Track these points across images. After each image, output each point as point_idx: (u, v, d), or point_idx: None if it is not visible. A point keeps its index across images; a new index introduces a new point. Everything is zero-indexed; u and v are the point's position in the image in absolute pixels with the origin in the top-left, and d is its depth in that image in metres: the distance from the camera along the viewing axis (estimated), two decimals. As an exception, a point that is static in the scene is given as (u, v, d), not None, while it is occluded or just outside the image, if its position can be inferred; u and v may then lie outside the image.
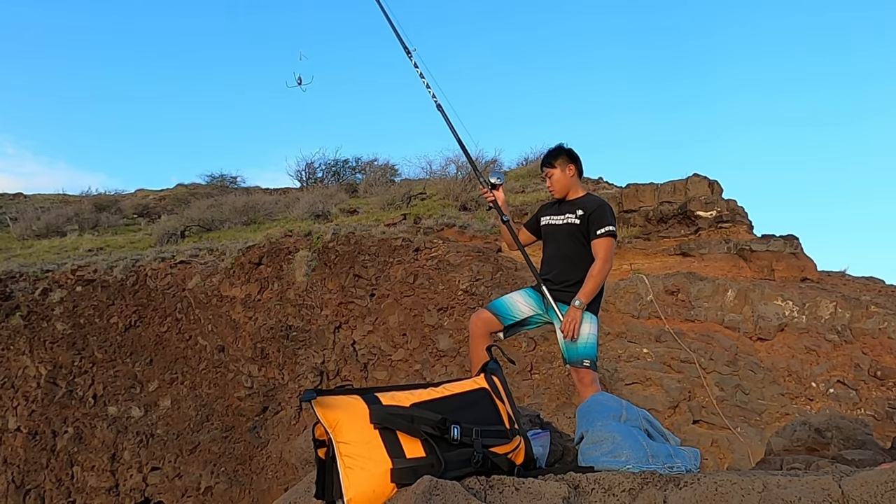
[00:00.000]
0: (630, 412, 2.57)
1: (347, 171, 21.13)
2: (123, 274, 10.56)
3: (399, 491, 1.90)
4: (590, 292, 3.46)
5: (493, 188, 3.80)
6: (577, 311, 3.43)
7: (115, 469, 9.35)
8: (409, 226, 10.94)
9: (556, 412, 7.79)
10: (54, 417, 9.58)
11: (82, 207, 16.79)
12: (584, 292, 3.45)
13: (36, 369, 9.85)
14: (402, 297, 9.51)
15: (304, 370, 9.48)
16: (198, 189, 20.40)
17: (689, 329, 8.19)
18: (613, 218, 3.62)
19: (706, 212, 10.06)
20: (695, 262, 9.46)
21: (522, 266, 9.50)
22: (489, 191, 3.80)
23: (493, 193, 3.79)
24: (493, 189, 3.80)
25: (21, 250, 13.32)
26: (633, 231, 10.56)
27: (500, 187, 3.82)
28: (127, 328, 10.15)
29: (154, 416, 9.59)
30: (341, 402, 2.01)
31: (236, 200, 15.73)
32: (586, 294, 3.45)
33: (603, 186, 13.60)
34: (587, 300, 3.45)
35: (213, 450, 9.31)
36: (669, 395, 7.64)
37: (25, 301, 10.30)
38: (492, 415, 2.25)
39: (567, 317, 3.45)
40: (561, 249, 3.67)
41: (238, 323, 9.97)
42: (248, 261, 10.41)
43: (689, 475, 2.04)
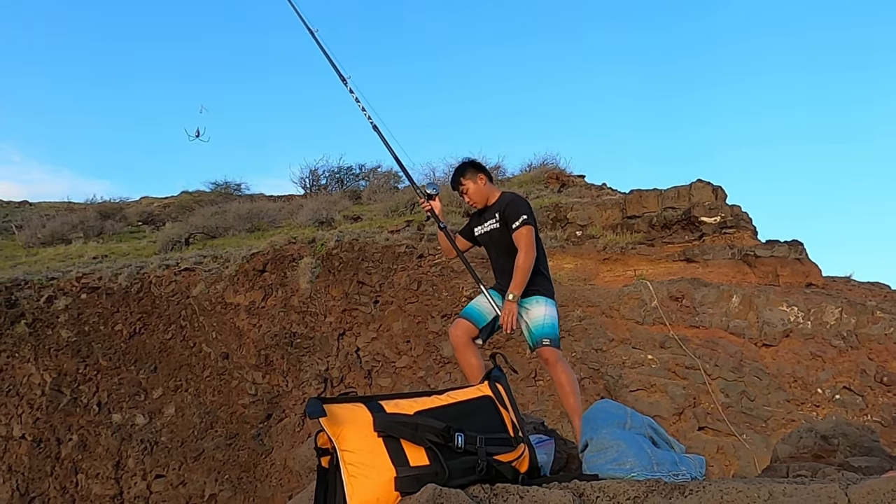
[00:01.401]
0: (635, 419, 2.56)
1: (351, 177, 21.18)
2: (128, 281, 10.59)
3: (403, 499, 1.89)
4: (519, 284, 3.65)
5: (430, 198, 4.03)
6: (511, 305, 3.61)
7: (119, 477, 9.35)
8: (413, 232, 10.95)
9: (560, 419, 7.77)
10: (59, 425, 9.59)
11: (87, 215, 16.85)
12: (514, 285, 3.65)
13: (41, 377, 9.87)
14: (405, 304, 9.51)
15: (308, 377, 9.48)
16: (202, 196, 20.45)
17: (694, 335, 8.16)
18: (527, 207, 3.85)
19: (710, 217, 10.04)
20: (699, 268, 9.44)
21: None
22: (426, 201, 4.03)
23: (429, 203, 4.02)
24: (430, 199, 4.03)
25: (26, 258, 13.37)
26: (637, 237, 10.55)
27: (437, 197, 4.07)
28: (131, 335, 10.16)
29: (158, 423, 9.59)
30: (345, 410, 2.01)
31: (240, 207, 15.76)
32: (517, 286, 3.64)
33: (606, 192, 13.60)
34: (518, 291, 3.64)
35: (218, 457, 9.30)
36: (674, 401, 7.61)
37: (30, 308, 10.33)
38: (496, 423, 2.25)
39: (504, 311, 3.64)
40: (497, 253, 3.92)
41: (242, 330, 9.99)
42: (252, 268, 10.43)
43: (694, 483, 2.03)
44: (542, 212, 11.61)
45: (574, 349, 8.33)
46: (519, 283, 3.64)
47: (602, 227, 11.07)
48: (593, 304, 8.69)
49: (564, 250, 10.74)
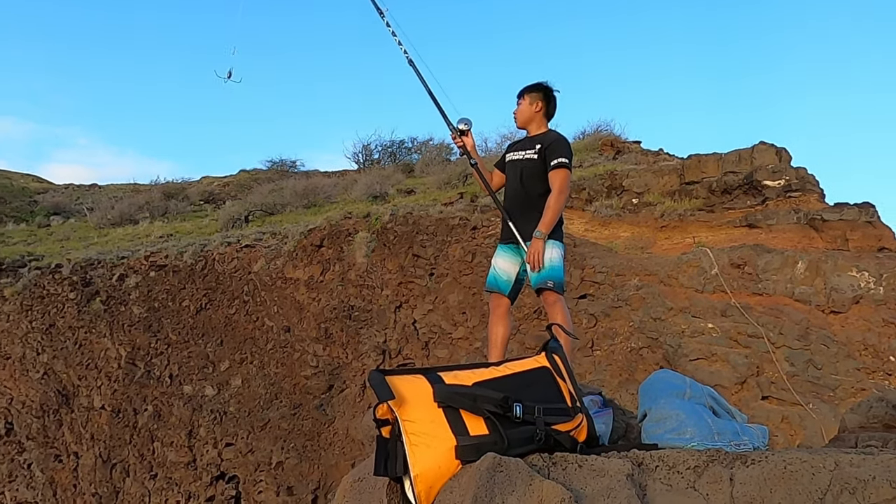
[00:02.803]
0: (694, 389, 2.53)
1: (404, 151, 21.26)
2: (193, 259, 10.99)
3: (463, 468, 1.94)
4: (549, 222, 3.58)
5: (462, 134, 3.92)
6: (539, 242, 3.55)
7: (192, 445, 9.83)
8: (467, 204, 10.95)
9: (618, 389, 7.72)
10: (135, 396, 10.13)
11: (152, 196, 17.51)
12: (543, 223, 3.57)
13: (116, 351, 10.41)
14: (460, 276, 9.57)
15: (367, 349, 9.69)
16: (259, 174, 20.93)
17: (757, 303, 7.94)
18: (570, 152, 3.75)
19: (774, 181, 9.66)
20: (762, 234, 9.13)
21: (581, 242, 9.40)
22: (458, 137, 3.93)
23: (462, 139, 3.92)
24: (462, 135, 3.92)
25: (98, 238, 14.04)
26: (696, 203, 10.25)
27: (469, 133, 3.94)
28: (198, 311, 10.58)
29: (226, 394, 10.01)
30: (405, 381, 2.06)
31: (296, 184, 16.07)
32: (546, 224, 3.57)
33: (664, 158, 13.24)
34: (547, 230, 3.57)
35: (283, 426, 9.65)
36: (736, 370, 7.45)
37: (104, 287, 10.87)
38: (553, 393, 2.26)
39: (530, 249, 3.57)
40: (521, 184, 3.80)
41: (302, 304, 10.26)
42: (309, 243, 10.66)
43: (756, 453, 2.01)
44: (597, 180, 11.41)
45: (631, 318, 8.24)
46: (549, 220, 3.58)
47: (659, 193, 10.80)
48: (651, 273, 8.54)
49: (620, 218, 10.55)
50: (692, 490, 1.88)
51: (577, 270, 8.74)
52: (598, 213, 10.69)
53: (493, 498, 1.81)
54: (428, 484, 1.94)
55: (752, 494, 1.82)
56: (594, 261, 8.88)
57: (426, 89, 3.97)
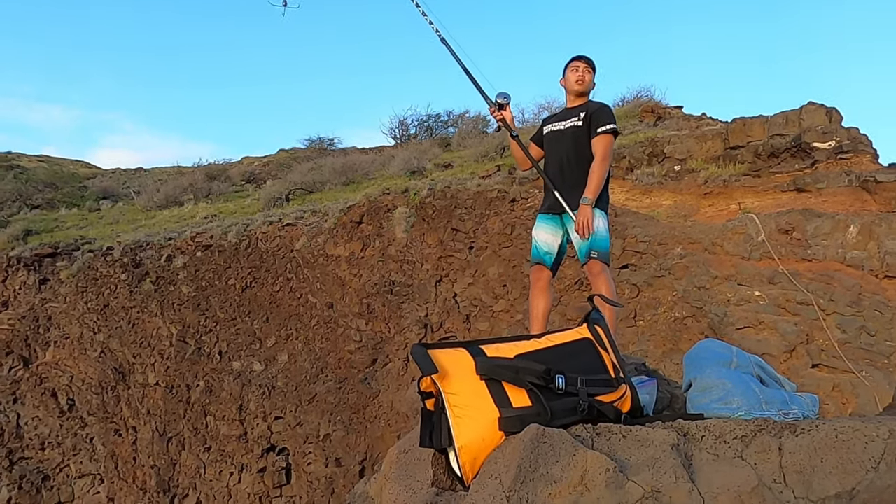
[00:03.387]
0: (741, 358, 2.49)
1: (440, 125, 21.18)
2: (237, 238, 11.22)
3: (507, 439, 1.96)
4: (595, 189, 3.57)
5: (501, 108, 3.90)
6: (587, 208, 3.54)
7: (243, 419, 10.14)
8: (504, 177, 10.88)
9: (662, 359, 7.65)
10: (187, 372, 10.47)
11: (195, 178, 17.87)
12: (589, 189, 3.57)
13: (167, 329, 10.75)
14: (500, 249, 9.55)
15: (409, 323, 9.79)
16: (298, 153, 21.15)
17: (806, 269, 7.72)
18: (614, 119, 3.74)
19: (823, 143, 9.31)
20: (811, 198, 8.84)
21: (623, 211, 9.26)
22: (497, 110, 3.90)
23: (500, 113, 3.90)
24: (501, 109, 3.90)
25: (145, 221, 14.43)
26: (742, 168, 9.97)
27: (507, 106, 3.92)
28: (244, 289, 10.83)
29: (274, 369, 10.26)
30: (448, 355, 2.08)
31: (335, 162, 16.19)
32: (592, 191, 3.56)
33: (706, 123, 12.88)
34: (594, 196, 3.57)
35: (329, 400, 9.87)
36: (785, 338, 7.29)
37: (154, 267, 11.20)
38: (596, 364, 2.26)
39: (579, 216, 3.55)
40: (566, 154, 3.79)
41: (344, 280, 10.40)
42: (349, 220, 10.76)
43: (806, 422, 1.97)
44: (637, 147, 11.19)
45: (675, 288, 8.11)
46: (595, 187, 3.57)
47: (702, 159, 10.53)
48: (695, 241, 8.37)
49: (662, 186, 10.35)
50: (739, 460, 1.86)
51: (619, 240, 8.63)
52: (639, 181, 10.50)
53: (537, 468, 1.83)
54: (472, 455, 1.96)
55: (802, 463, 1.80)
56: (636, 230, 8.75)
57: (461, 66, 3.95)
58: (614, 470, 1.79)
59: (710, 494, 1.76)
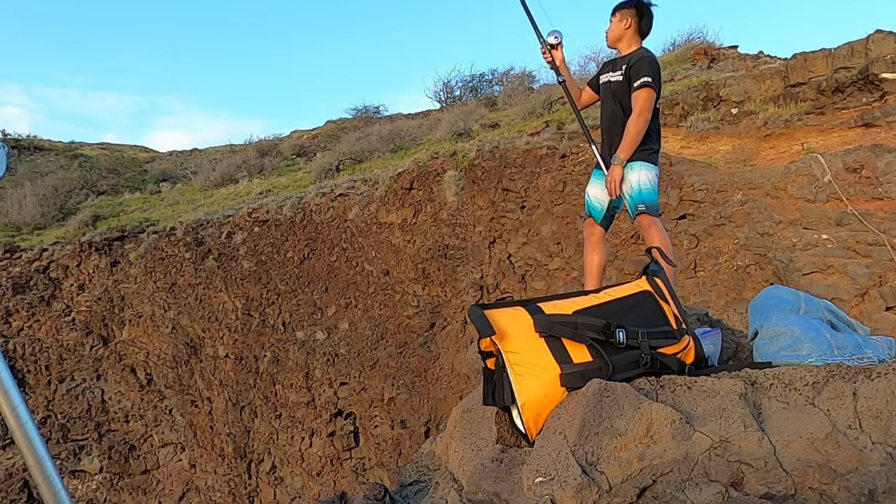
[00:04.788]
0: (810, 303, 2.41)
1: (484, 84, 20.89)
2: (292, 212, 11.44)
3: (570, 394, 1.96)
4: (628, 146, 3.46)
5: (552, 48, 3.77)
6: (616, 168, 3.46)
7: (309, 386, 10.48)
8: (553, 133, 10.68)
9: (724, 309, 7.47)
10: (253, 344, 10.84)
11: (248, 155, 18.22)
12: (622, 147, 3.48)
13: (232, 304, 11.13)
14: (552, 207, 9.43)
15: (465, 286, 9.84)
16: (345, 123, 21.26)
17: (877, 208, 7.35)
18: (654, 69, 3.53)
19: (894, 73, 8.76)
20: (881, 133, 8.36)
21: (678, 160, 8.99)
22: (548, 51, 3.77)
23: (551, 53, 3.77)
24: (552, 49, 3.77)
25: (204, 200, 14.84)
26: (804, 107, 9.49)
27: (559, 47, 3.78)
28: (302, 261, 11.07)
29: (336, 337, 10.52)
30: (505, 314, 2.08)
31: (381, 130, 16.21)
32: (625, 149, 3.47)
33: (764, 61, 12.27)
34: (626, 155, 3.47)
35: (391, 364, 10.08)
36: (856, 282, 7.01)
37: (215, 245, 11.56)
38: (657, 316, 2.22)
39: (609, 175, 3.50)
40: (610, 107, 3.69)
41: (398, 247, 10.50)
42: (399, 187, 10.81)
43: (882, 365, 1.90)
44: (691, 93, 10.77)
45: (736, 235, 7.87)
46: (628, 145, 3.47)
47: (761, 100, 10.07)
48: (756, 186, 8.07)
49: (719, 131, 9.97)
50: (811, 406, 1.82)
51: (675, 190, 8.40)
52: (693, 127, 10.14)
53: (601, 422, 1.82)
54: (535, 412, 1.98)
55: (879, 408, 1.74)
56: (692, 178, 8.49)
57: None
58: (680, 421, 1.77)
59: (781, 442, 1.72)
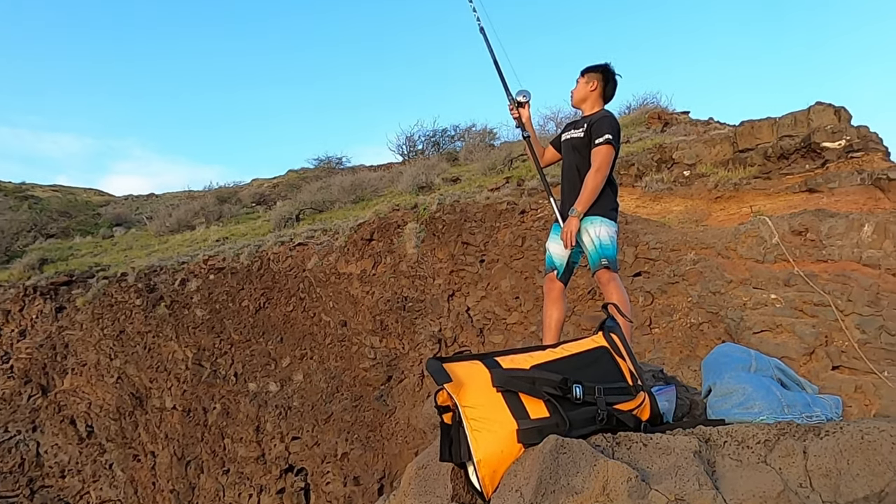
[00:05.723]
0: (760, 361, 2.46)
1: (447, 140, 21.26)
2: (249, 260, 11.27)
3: (526, 451, 1.94)
4: (585, 200, 3.56)
5: (520, 106, 3.90)
6: (573, 220, 3.55)
7: (260, 440, 10.13)
8: (513, 188, 10.88)
9: (679, 366, 7.57)
10: (203, 395, 10.48)
11: (206, 201, 18.01)
12: (579, 201, 3.57)
13: (183, 353, 10.79)
14: (511, 261, 9.53)
15: (423, 339, 9.76)
16: (307, 173, 21.28)
17: (822, 270, 7.64)
18: (615, 129, 3.67)
19: (833, 142, 9.25)
20: (823, 198, 8.76)
21: (633, 218, 9.22)
22: (515, 108, 3.90)
23: (518, 111, 3.90)
24: (520, 107, 3.90)
25: (159, 245, 14.53)
26: (751, 171, 9.91)
27: (527, 105, 3.91)
28: (257, 310, 10.86)
29: (289, 389, 10.26)
30: (463, 368, 2.07)
31: (343, 180, 16.27)
32: (582, 202, 3.56)
33: (714, 127, 12.84)
34: (583, 209, 3.56)
35: (346, 418, 9.84)
36: (803, 341, 7.20)
37: (168, 292, 11.26)
38: (613, 372, 2.24)
39: (564, 227, 3.59)
40: (571, 164, 3.81)
41: (357, 298, 10.40)
42: (360, 237, 10.79)
43: (830, 424, 1.94)
44: (646, 154, 11.16)
45: (689, 293, 8.05)
46: (585, 199, 3.56)
47: (712, 164, 10.49)
48: (707, 246, 8.32)
49: (672, 192, 10.30)
50: (763, 465, 1.83)
51: (631, 248, 8.59)
52: (648, 188, 10.47)
53: (557, 480, 1.80)
54: (491, 468, 1.94)
55: (828, 467, 1.76)
56: (647, 237, 8.71)
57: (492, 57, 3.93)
58: (636, 479, 1.76)
59: (734, 501, 1.73)
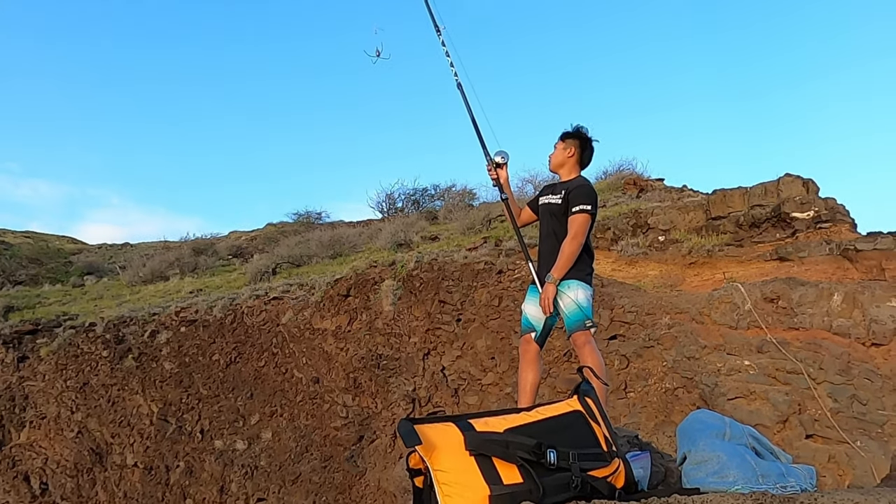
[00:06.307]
0: (734, 429, 2.46)
1: (426, 198, 21.48)
2: (222, 313, 11.10)
3: (499, 518, 1.89)
4: (562, 267, 3.60)
5: (498, 167, 3.97)
6: (549, 287, 3.59)
7: (223, 501, 9.73)
8: (491, 249, 10.96)
9: (654, 431, 7.52)
10: (167, 452, 10.11)
11: (182, 252, 17.83)
12: (556, 267, 3.61)
13: (148, 407, 10.46)
14: (488, 321, 9.50)
15: (397, 398, 9.60)
16: (286, 227, 21.26)
17: (794, 338, 7.73)
18: (593, 199, 3.76)
19: (802, 213, 9.53)
20: (794, 267, 8.96)
21: (609, 282, 9.30)
22: (494, 169, 3.97)
23: (496, 172, 3.97)
24: (498, 168, 3.97)
25: (130, 296, 14.27)
26: (724, 238, 10.14)
27: (505, 167, 3.98)
28: (228, 364, 10.62)
29: (257, 448, 9.95)
30: (436, 430, 2.03)
31: (322, 235, 16.27)
32: (558, 269, 3.61)
33: (688, 194, 13.17)
34: (559, 275, 3.60)
35: (314, 480, 9.53)
36: (777, 409, 7.22)
37: (136, 343, 11.00)
38: (588, 437, 2.21)
39: (542, 293, 3.61)
40: (549, 228, 3.87)
41: (330, 354, 10.25)
42: (336, 293, 10.71)
43: (804, 494, 1.92)
44: (622, 219, 11.37)
45: (664, 358, 8.07)
46: (562, 265, 3.61)
47: (685, 230, 10.71)
48: (682, 311, 8.40)
49: (647, 257, 10.46)
50: (739, 536, 1.80)
51: (606, 311, 8.63)
52: (624, 251, 10.62)
53: (530, 549, 1.75)
54: (463, 536, 1.89)
55: (803, 540, 1.74)
56: (623, 300, 8.77)
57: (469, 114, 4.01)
58: (610, 550, 1.72)
59: (710, 574, 1.69)
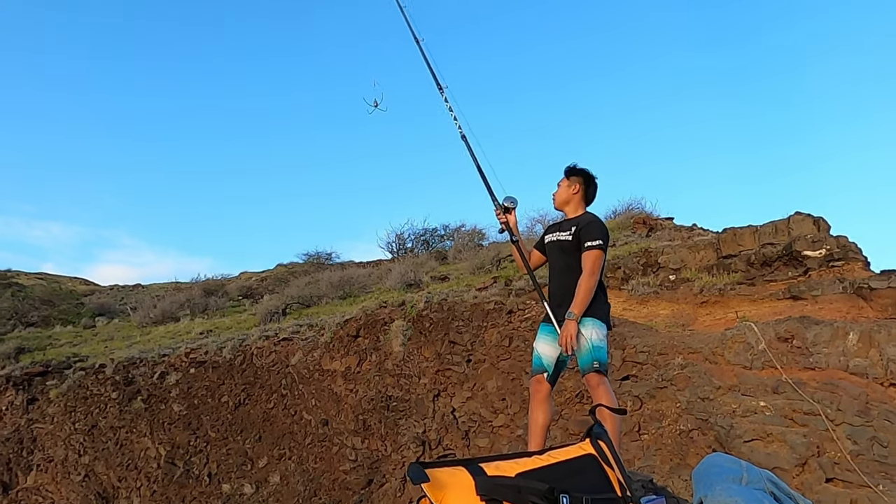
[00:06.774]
0: (752, 473, 2.40)
1: (436, 239, 21.54)
2: (232, 354, 11.08)
3: (511, 566, 1.84)
4: (581, 303, 3.60)
5: (507, 211, 4.04)
6: (571, 323, 3.56)
7: (230, 547, 9.56)
8: (501, 288, 10.93)
9: (669, 475, 7.35)
10: (173, 496, 9.98)
11: (193, 293, 17.91)
12: (575, 304, 3.60)
13: (156, 450, 10.37)
14: (498, 361, 9.42)
15: (406, 440, 9.47)
16: (296, 268, 21.36)
17: (810, 378, 7.59)
18: (604, 234, 3.81)
19: (814, 251, 9.46)
20: (807, 306, 8.85)
21: (620, 321, 9.23)
22: (502, 213, 4.04)
23: (505, 216, 4.03)
24: (507, 212, 4.04)
25: (140, 337, 14.31)
26: (736, 277, 10.06)
27: (513, 211, 4.05)
28: (237, 406, 10.55)
29: (265, 492, 9.80)
30: (446, 474, 2.00)
31: (332, 276, 16.31)
32: (577, 306, 3.59)
33: (698, 233, 13.14)
34: (579, 312, 3.59)
35: (323, 525, 9.35)
36: (795, 451, 7.05)
37: (145, 385, 10.97)
38: (601, 482, 2.17)
39: (562, 331, 3.57)
40: (559, 265, 3.88)
41: (340, 396, 10.16)
42: (346, 334, 10.68)
43: (826, 542, 1.87)
44: (632, 258, 11.33)
45: (678, 399, 7.94)
46: (580, 301, 3.60)
47: (696, 269, 10.65)
48: (695, 351, 8.29)
49: (658, 296, 10.38)
50: (759, 586, 1.75)
51: (618, 351, 8.54)
52: (634, 291, 10.56)
53: None
54: (474, 585, 1.84)
55: (827, 590, 1.68)
56: (635, 340, 8.69)
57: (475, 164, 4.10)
58: None
59: None
